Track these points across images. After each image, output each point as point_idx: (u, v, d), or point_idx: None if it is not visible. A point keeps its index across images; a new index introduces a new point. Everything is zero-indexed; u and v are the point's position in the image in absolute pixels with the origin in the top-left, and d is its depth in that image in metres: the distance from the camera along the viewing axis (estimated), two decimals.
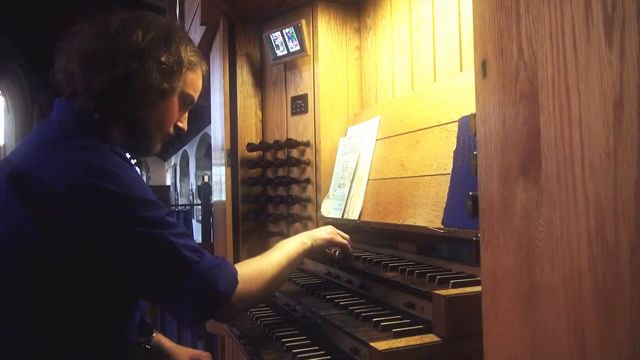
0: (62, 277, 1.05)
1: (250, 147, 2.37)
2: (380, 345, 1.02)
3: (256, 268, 1.28)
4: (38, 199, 1.03)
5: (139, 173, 1.23)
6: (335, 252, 1.65)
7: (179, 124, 1.34)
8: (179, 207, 12.18)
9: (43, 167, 1.06)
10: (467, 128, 1.31)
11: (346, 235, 1.61)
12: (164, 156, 20.68)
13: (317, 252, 1.55)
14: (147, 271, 1.08)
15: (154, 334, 1.47)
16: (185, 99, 1.32)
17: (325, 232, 1.56)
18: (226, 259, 1.23)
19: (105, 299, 1.11)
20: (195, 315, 1.12)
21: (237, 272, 1.19)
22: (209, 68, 2.69)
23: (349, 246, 1.60)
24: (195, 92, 1.34)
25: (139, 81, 1.19)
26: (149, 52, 1.20)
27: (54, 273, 1.04)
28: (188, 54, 1.29)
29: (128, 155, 1.25)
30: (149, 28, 1.23)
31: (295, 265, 1.44)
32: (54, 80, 1.24)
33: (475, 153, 0.75)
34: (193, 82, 1.33)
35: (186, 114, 1.37)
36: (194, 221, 12.02)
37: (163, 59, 1.22)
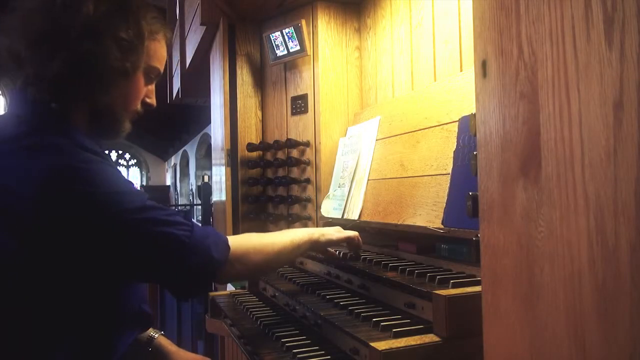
0: (47, 283, 1.00)
1: (250, 147, 2.37)
2: (380, 345, 1.02)
3: (257, 238, 1.33)
4: (5, 209, 0.97)
5: (114, 165, 1.13)
6: (336, 252, 1.66)
7: (147, 100, 1.23)
8: (179, 207, 12.19)
9: (5, 175, 0.99)
10: (467, 128, 1.31)
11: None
12: (164, 156, 20.69)
13: (324, 247, 1.56)
14: (138, 259, 1.06)
15: (156, 335, 1.46)
16: (150, 73, 1.21)
17: (333, 230, 1.59)
18: (214, 229, 1.25)
19: (90, 296, 1.07)
20: (196, 286, 1.15)
21: (227, 239, 1.21)
22: (209, 66, 2.69)
23: (358, 236, 1.61)
24: (160, 63, 1.23)
25: (96, 63, 1.06)
26: (105, 26, 1.07)
27: (37, 281, 0.99)
28: (148, 22, 1.16)
29: (107, 147, 1.19)
30: None
31: (300, 252, 1.45)
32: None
33: (475, 153, 0.75)
34: (157, 52, 1.21)
35: (153, 88, 1.26)
36: (194, 221, 12.02)
37: (122, 34, 1.08)
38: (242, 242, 1.25)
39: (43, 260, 0.99)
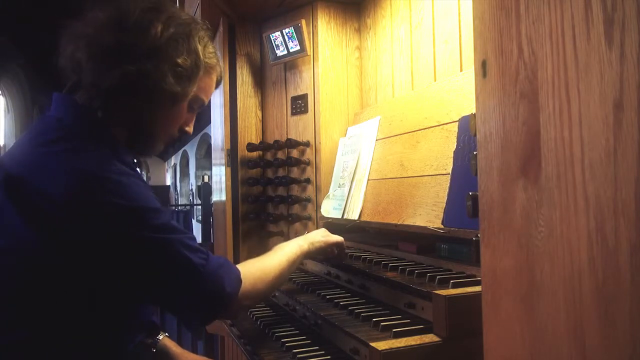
0: (62, 284, 1.02)
1: (250, 147, 2.37)
2: (380, 345, 1.02)
3: (260, 267, 1.31)
4: (35, 207, 1.00)
5: (141, 176, 1.18)
6: (332, 252, 1.67)
7: (185, 128, 1.27)
8: (179, 207, 12.19)
9: (40, 174, 1.02)
10: (467, 128, 1.31)
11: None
12: (164, 156, 20.68)
13: (314, 254, 1.59)
14: (151, 277, 1.07)
15: (161, 337, 1.46)
16: (195, 103, 1.25)
17: (320, 235, 1.61)
18: (228, 259, 1.25)
19: (105, 304, 1.09)
20: (203, 317, 1.14)
21: (239, 271, 1.20)
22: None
23: (343, 243, 1.64)
24: (207, 96, 1.28)
25: (150, 84, 1.11)
26: (166, 51, 1.12)
27: (54, 281, 1.01)
28: (206, 56, 1.21)
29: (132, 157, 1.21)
30: (169, 23, 1.13)
31: (295, 267, 1.47)
32: (58, 65, 1.15)
33: (475, 153, 0.75)
34: (207, 86, 1.26)
35: (193, 117, 1.30)
36: (194, 221, 12.02)
37: (180, 60, 1.13)
38: (249, 276, 1.22)
39: (64, 261, 1.01)
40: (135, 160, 1.20)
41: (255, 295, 1.25)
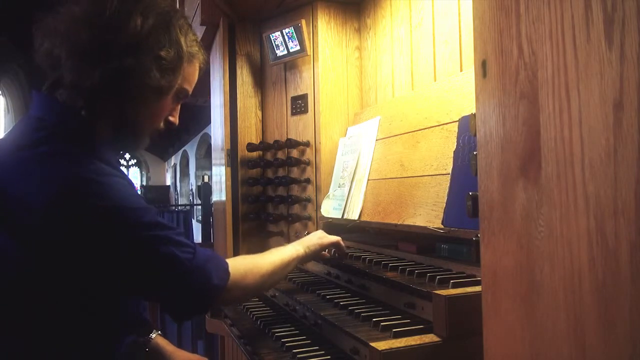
0: (49, 289, 1.01)
1: (250, 147, 2.37)
2: (380, 345, 1.02)
3: (251, 261, 1.33)
4: (14, 216, 0.97)
5: (128, 177, 1.15)
6: (330, 252, 1.67)
7: (171, 119, 1.24)
8: (179, 207, 12.19)
9: (18, 181, 0.99)
10: (467, 128, 1.31)
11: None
12: (164, 156, 20.68)
13: (311, 258, 1.60)
14: (140, 275, 1.07)
15: (153, 335, 1.46)
16: (180, 93, 1.21)
17: (316, 237, 1.61)
18: (215, 251, 1.25)
19: (94, 304, 1.07)
20: (194, 309, 1.16)
21: (227, 264, 1.21)
22: (209, 66, 2.69)
23: (341, 242, 1.64)
24: (191, 85, 1.24)
25: (134, 79, 1.08)
26: (148, 44, 1.08)
27: (40, 287, 1.00)
28: (188, 45, 1.17)
29: (121, 157, 1.21)
30: (148, 13, 1.09)
31: (289, 270, 1.48)
32: (37, 61, 1.10)
33: (475, 153, 0.75)
34: (190, 75, 1.22)
35: (178, 108, 1.26)
36: (194, 221, 12.02)
37: (163, 53, 1.10)
38: (239, 267, 1.24)
39: (48, 268, 0.99)
40: (119, 159, 1.18)
41: (244, 287, 1.26)
